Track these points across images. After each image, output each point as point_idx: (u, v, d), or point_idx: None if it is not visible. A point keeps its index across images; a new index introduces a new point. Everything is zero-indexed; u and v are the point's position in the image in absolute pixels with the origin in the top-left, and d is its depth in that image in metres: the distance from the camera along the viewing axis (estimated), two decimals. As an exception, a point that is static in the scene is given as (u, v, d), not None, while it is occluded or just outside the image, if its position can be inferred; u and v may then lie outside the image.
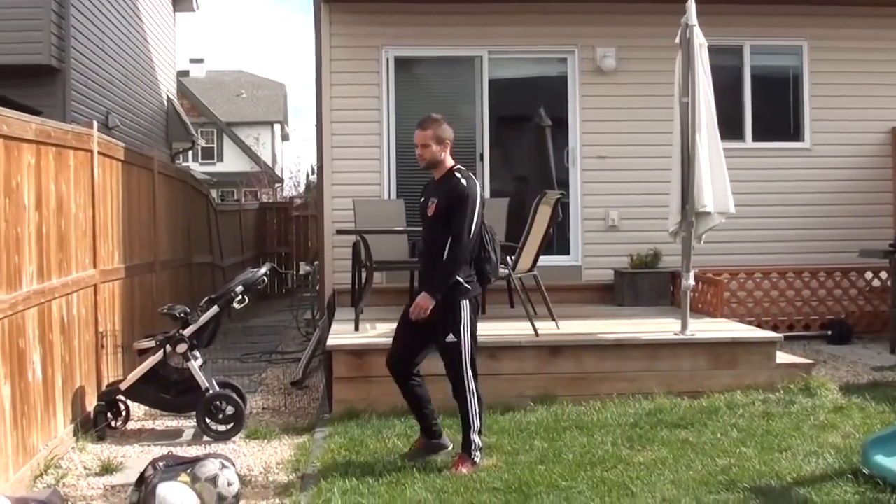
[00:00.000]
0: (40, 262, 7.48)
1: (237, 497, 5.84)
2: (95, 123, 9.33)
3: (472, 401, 7.08)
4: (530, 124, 13.36)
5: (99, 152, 9.22)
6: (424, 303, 7.01)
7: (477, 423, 7.12)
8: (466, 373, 7.07)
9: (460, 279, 7.04)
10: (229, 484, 5.74)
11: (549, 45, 12.97)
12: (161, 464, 5.96)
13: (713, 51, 9.90)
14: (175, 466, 5.89)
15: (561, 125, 13.05)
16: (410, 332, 7.24)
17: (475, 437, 7.13)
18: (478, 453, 7.16)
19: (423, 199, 7.36)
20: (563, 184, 12.80)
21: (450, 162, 7.28)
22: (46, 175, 7.72)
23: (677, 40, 9.64)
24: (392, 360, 7.36)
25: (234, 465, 6.02)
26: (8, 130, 6.79)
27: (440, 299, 7.03)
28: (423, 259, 7.38)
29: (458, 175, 7.14)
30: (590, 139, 12.88)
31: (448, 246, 7.00)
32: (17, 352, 6.94)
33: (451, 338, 7.04)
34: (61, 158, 8.13)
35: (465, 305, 7.08)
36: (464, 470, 7.01)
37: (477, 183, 7.17)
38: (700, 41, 9.53)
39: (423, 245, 7.45)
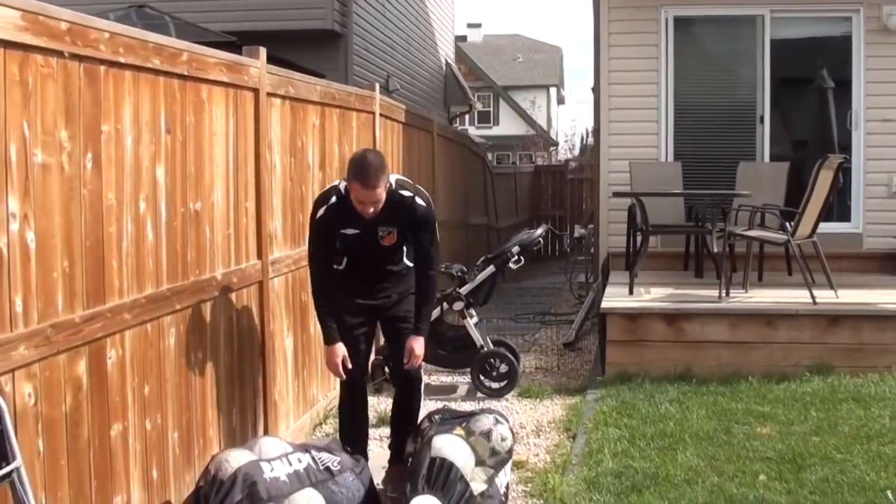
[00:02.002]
0: (325, 219, 7.77)
1: (510, 452, 5.95)
2: (377, 86, 9.62)
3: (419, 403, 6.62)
4: (812, 86, 12.91)
5: (381, 114, 9.50)
6: (420, 347, 6.18)
7: None
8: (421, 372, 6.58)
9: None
10: (502, 439, 5.84)
11: (833, 4, 12.46)
12: (437, 417, 6.12)
13: None
14: (451, 420, 6.03)
15: (844, 87, 12.54)
16: (365, 340, 6.38)
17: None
18: None
19: (351, 231, 6.05)
20: (845, 148, 12.31)
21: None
22: (330, 136, 8.02)
23: (972, -4, 9.16)
24: (360, 375, 6.45)
25: (507, 421, 6.13)
26: (294, 92, 7.08)
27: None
28: (383, 288, 6.31)
29: (406, 193, 6.08)
30: (875, 102, 12.31)
31: (423, 277, 6.20)
32: (299, 305, 7.27)
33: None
34: (344, 120, 8.43)
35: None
36: None
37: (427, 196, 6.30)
38: None
39: (372, 273, 6.29)
